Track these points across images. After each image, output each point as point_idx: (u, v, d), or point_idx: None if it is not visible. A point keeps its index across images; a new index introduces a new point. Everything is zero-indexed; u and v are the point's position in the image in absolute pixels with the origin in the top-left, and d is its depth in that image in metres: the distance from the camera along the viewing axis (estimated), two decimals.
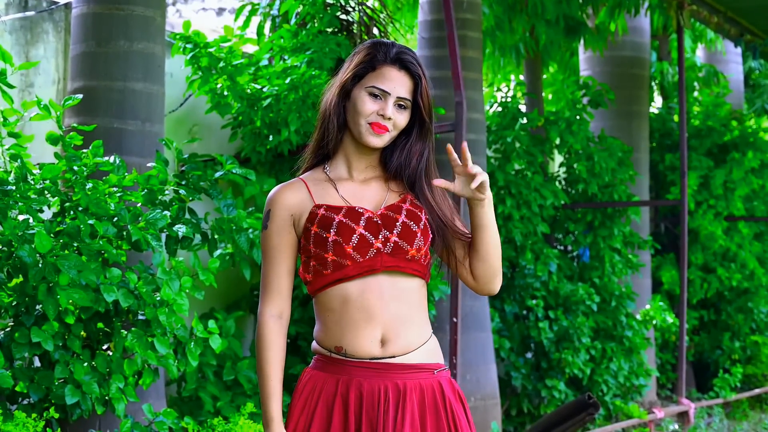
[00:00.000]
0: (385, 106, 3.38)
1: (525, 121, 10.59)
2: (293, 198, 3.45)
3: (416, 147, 3.48)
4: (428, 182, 3.48)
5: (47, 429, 5.13)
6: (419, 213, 3.41)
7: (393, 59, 3.42)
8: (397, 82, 3.40)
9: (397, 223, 3.37)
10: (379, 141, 3.41)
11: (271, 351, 3.42)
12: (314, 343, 3.52)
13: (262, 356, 3.42)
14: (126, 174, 5.59)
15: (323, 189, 3.46)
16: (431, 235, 3.42)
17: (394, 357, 3.35)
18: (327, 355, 3.43)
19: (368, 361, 3.35)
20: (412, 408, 3.32)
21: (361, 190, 3.47)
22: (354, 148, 3.48)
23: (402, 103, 3.41)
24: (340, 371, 3.39)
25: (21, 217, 5.11)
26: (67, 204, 5.39)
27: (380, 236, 3.35)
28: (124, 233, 5.37)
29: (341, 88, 3.46)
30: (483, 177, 3.29)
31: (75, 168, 5.36)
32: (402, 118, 3.42)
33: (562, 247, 11.16)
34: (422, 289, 3.46)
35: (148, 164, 6.05)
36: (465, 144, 3.34)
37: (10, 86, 5.33)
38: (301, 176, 3.54)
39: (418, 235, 3.37)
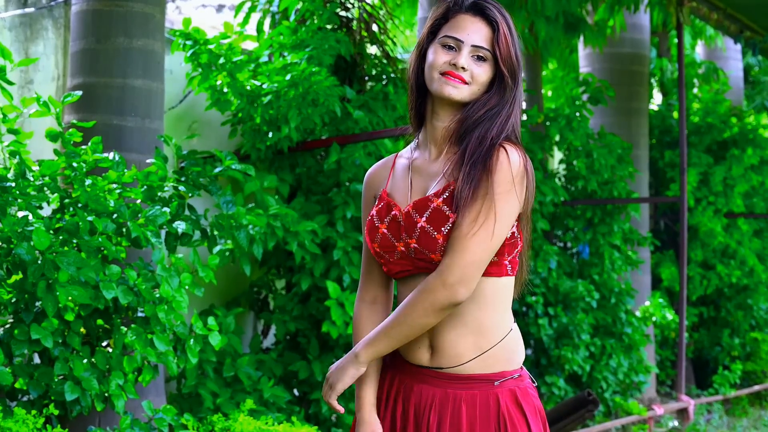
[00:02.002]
0: (458, 56, 3.07)
1: (524, 117, 10.58)
2: (375, 180, 3.31)
3: (489, 104, 3.11)
4: (484, 152, 3.04)
5: (47, 426, 5.13)
6: (447, 211, 3.04)
7: (468, 6, 3.12)
8: (471, 30, 3.09)
9: (416, 227, 3.07)
10: (456, 92, 3.07)
11: (361, 335, 3.24)
12: None
13: (354, 341, 3.25)
14: (125, 170, 5.59)
15: (402, 170, 3.24)
16: None
17: (442, 368, 3.13)
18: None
19: (418, 367, 3.17)
20: (459, 421, 3.10)
21: (428, 168, 3.17)
22: (431, 112, 3.17)
23: (480, 53, 3.09)
24: (402, 369, 3.21)
25: (20, 214, 5.10)
26: (67, 200, 5.39)
27: (401, 239, 3.11)
28: (124, 230, 5.38)
29: (419, 49, 3.18)
30: None
31: (74, 164, 5.36)
32: (481, 71, 3.09)
33: (561, 244, 11.16)
34: (488, 286, 3.10)
35: (148, 161, 6.05)
36: None
37: (10, 83, 5.32)
38: (401, 152, 3.31)
39: (439, 241, 3.03)
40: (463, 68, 3.07)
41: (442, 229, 3.04)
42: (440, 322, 3.08)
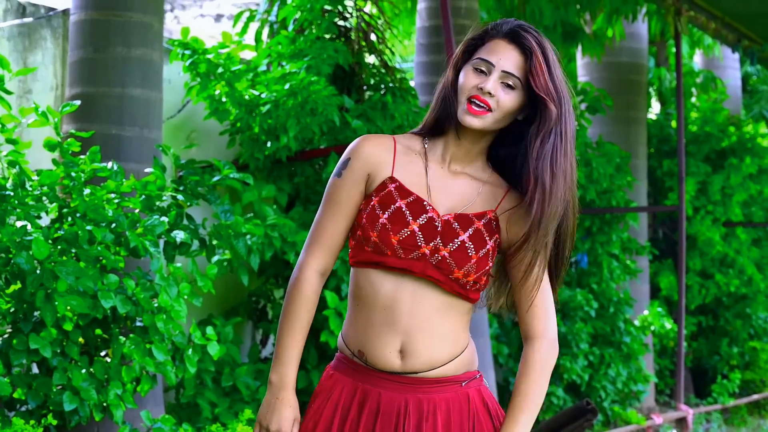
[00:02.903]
0: (486, 79, 3.03)
1: None
2: (376, 155, 3.15)
3: (532, 137, 3.06)
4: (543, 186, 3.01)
5: None
6: (488, 237, 3.08)
7: (505, 32, 3.10)
8: (503, 55, 3.06)
9: (456, 239, 3.04)
10: (478, 122, 3.04)
11: (306, 307, 3.15)
12: (340, 337, 3.24)
13: (295, 309, 3.14)
14: (124, 180, 5.59)
15: (410, 161, 3.16)
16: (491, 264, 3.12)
17: (415, 373, 3.09)
18: (350, 358, 3.16)
19: (388, 373, 3.10)
20: (435, 422, 3.08)
21: (448, 181, 3.14)
22: (455, 134, 3.14)
23: (509, 81, 3.04)
24: (362, 378, 3.13)
25: (19, 224, 5.10)
26: (65, 210, 5.39)
27: (432, 244, 3.04)
28: (122, 239, 5.38)
29: (455, 66, 3.15)
30: None
31: (73, 174, 5.36)
32: (508, 99, 3.04)
33: None
34: (465, 307, 3.13)
35: (146, 170, 6.05)
36: None
37: (8, 92, 5.32)
38: (396, 136, 3.21)
39: (472, 261, 3.04)
40: (489, 93, 3.04)
41: (480, 251, 3.06)
42: (415, 327, 3.07)
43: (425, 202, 3.08)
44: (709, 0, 11.28)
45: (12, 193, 5.12)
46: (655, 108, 15.94)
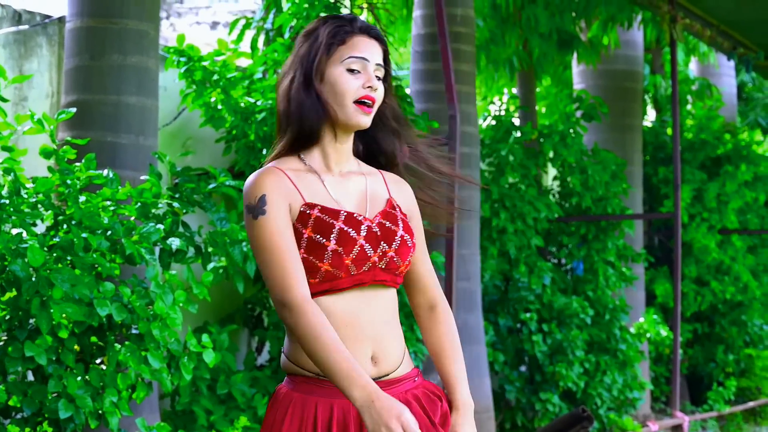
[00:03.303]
0: (368, 76, 3.09)
1: (519, 134, 10.61)
2: (282, 186, 3.06)
3: (388, 124, 3.24)
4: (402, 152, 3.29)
5: None
6: (409, 222, 3.21)
7: (362, 29, 3.14)
8: (371, 50, 3.12)
9: (396, 237, 3.11)
10: (368, 120, 3.10)
11: (332, 332, 2.94)
12: (287, 361, 3.15)
13: (327, 340, 2.92)
14: (119, 187, 5.59)
15: (308, 182, 3.11)
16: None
17: (387, 375, 3.11)
18: (309, 377, 3.08)
19: None
20: (420, 418, 3.09)
21: (341, 185, 3.15)
22: (332, 137, 3.14)
23: (378, 73, 3.13)
24: (332, 394, 3.03)
25: (14, 231, 5.10)
26: (61, 218, 5.39)
27: (378, 250, 3.07)
28: (118, 247, 5.37)
29: (314, 70, 3.10)
30: None
31: (68, 182, 5.36)
32: (381, 89, 3.14)
33: (555, 260, 11.16)
34: (396, 298, 3.22)
35: (142, 177, 6.05)
36: None
37: (4, 100, 5.33)
38: (272, 164, 3.13)
39: (411, 250, 3.15)
40: (376, 90, 3.11)
41: (413, 238, 3.17)
42: (379, 332, 3.11)
43: (355, 214, 3.09)
44: (704, 8, 11.31)
45: (7, 201, 5.12)
46: (650, 115, 15.95)
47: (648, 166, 13.39)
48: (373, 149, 3.29)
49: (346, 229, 3.04)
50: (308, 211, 3.05)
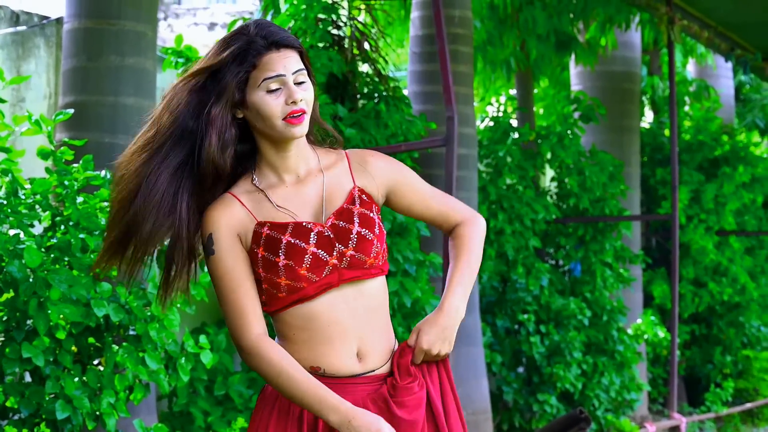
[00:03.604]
0: (289, 92, 3.06)
1: (516, 135, 10.61)
2: (232, 217, 3.11)
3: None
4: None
5: None
6: (370, 213, 3.17)
7: (269, 44, 3.08)
8: (283, 62, 3.06)
9: (351, 236, 3.10)
10: (302, 128, 3.09)
11: (293, 363, 3.04)
12: None
13: (289, 373, 3.02)
14: None
15: (259, 202, 3.14)
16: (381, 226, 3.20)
17: (373, 371, 3.14)
18: None
19: (349, 378, 3.12)
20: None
21: (297, 193, 3.17)
22: (274, 150, 3.16)
23: (300, 78, 3.09)
24: None
25: (12, 232, 5.10)
26: (58, 218, 5.38)
27: (335, 252, 3.08)
28: None
29: (232, 103, 3.08)
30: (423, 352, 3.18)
31: (66, 183, 5.36)
32: (308, 93, 3.11)
33: (553, 262, 11.16)
34: (384, 285, 3.21)
35: None
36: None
37: (2, 101, 5.32)
38: (229, 191, 3.17)
39: (375, 242, 3.12)
40: (301, 100, 3.08)
41: (374, 229, 3.15)
42: (363, 327, 3.12)
43: (304, 223, 3.11)
44: (702, 9, 11.31)
45: (5, 202, 5.12)
46: (648, 117, 15.97)
47: (645, 167, 13.40)
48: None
49: (293, 241, 3.07)
50: (260, 230, 3.10)
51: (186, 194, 3.12)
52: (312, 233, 3.08)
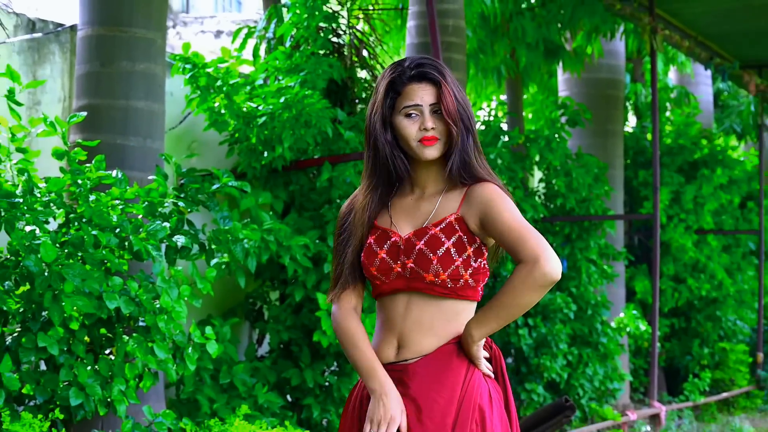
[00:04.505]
0: (423, 119, 3.36)
1: (506, 138, 10.61)
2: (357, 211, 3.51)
3: (453, 148, 3.40)
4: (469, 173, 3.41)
5: (52, 429, 5.13)
6: (444, 238, 3.33)
7: (411, 77, 3.39)
8: (423, 94, 3.37)
9: (414, 250, 3.34)
10: (434, 151, 3.37)
11: (357, 340, 3.45)
12: None
13: (350, 337, 3.46)
14: (128, 187, 5.59)
15: (381, 208, 3.49)
16: (466, 256, 3.35)
17: (407, 360, 3.37)
18: None
19: (386, 364, 3.39)
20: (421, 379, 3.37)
21: (414, 206, 3.45)
22: (413, 166, 3.45)
23: (436, 109, 3.37)
24: None
25: (28, 228, 5.10)
26: (72, 216, 5.39)
27: (399, 261, 3.37)
28: (126, 243, 5.38)
29: (383, 124, 3.43)
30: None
31: (79, 181, 5.37)
32: (442, 123, 3.37)
33: None
34: (460, 306, 3.39)
35: (149, 178, 6.06)
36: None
37: (19, 104, 5.33)
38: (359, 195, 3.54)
39: (434, 262, 3.31)
40: (433, 128, 3.36)
41: (438, 251, 3.32)
42: (408, 327, 3.38)
43: (390, 231, 3.43)
44: (683, 20, 11.33)
45: (21, 200, 5.12)
46: (631, 121, 15.96)
47: (629, 169, 13.40)
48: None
49: (372, 244, 3.43)
50: (369, 230, 3.48)
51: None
52: (388, 241, 3.42)
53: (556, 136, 10.76)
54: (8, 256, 5.12)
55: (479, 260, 3.38)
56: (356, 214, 3.49)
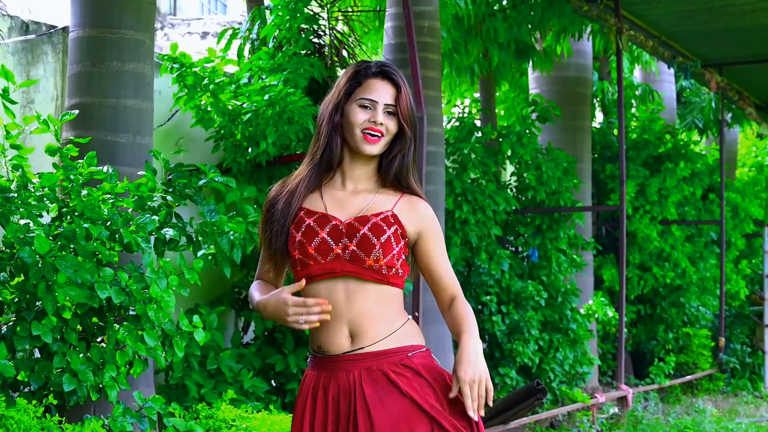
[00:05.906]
0: (375, 114, 3.36)
1: (480, 134, 10.62)
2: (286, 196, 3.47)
3: (395, 150, 3.44)
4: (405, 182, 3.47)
5: (46, 414, 5.11)
6: (386, 227, 3.34)
7: (375, 72, 3.42)
8: (382, 91, 3.39)
9: (358, 234, 3.31)
10: (374, 148, 3.38)
11: (257, 292, 3.52)
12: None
13: (252, 296, 3.55)
14: (118, 182, 5.57)
15: (313, 194, 3.46)
16: (402, 247, 3.37)
17: (363, 348, 3.31)
18: (313, 355, 3.44)
19: (341, 355, 3.33)
20: (386, 383, 3.30)
21: (347, 199, 3.43)
22: (349, 160, 3.44)
23: (390, 109, 3.39)
24: (323, 367, 3.38)
25: (22, 222, 5.08)
26: (64, 209, 5.37)
27: (340, 243, 3.32)
28: (117, 236, 5.36)
29: (335, 107, 3.43)
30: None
31: (71, 177, 5.35)
32: (392, 124, 3.39)
33: (513, 248, 11.19)
34: (391, 291, 3.38)
35: (139, 173, 6.04)
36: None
37: (13, 102, 5.30)
38: (289, 181, 3.52)
39: (377, 247, 3.30)
40: (381, 123, 3.37)
41: (381, 237, 3.32)
42: (356, 314, 3.33)
43: (330, 215, 3.38)
44: (647, 21, 11.36)
45: (16, 194, 5.10)
46: (598, 118, 16.00)
47: (596, 163, 13.43)
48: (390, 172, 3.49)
49: (312, 225, 3.36)
50: (298, 213, 3.42)
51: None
52: (330, 224, 3.36)
53: (527, 131, 10.78)
54: (3, 249, 5.10)
55: (404, 255, 3.39)
56: (287, 198, 3.44)
